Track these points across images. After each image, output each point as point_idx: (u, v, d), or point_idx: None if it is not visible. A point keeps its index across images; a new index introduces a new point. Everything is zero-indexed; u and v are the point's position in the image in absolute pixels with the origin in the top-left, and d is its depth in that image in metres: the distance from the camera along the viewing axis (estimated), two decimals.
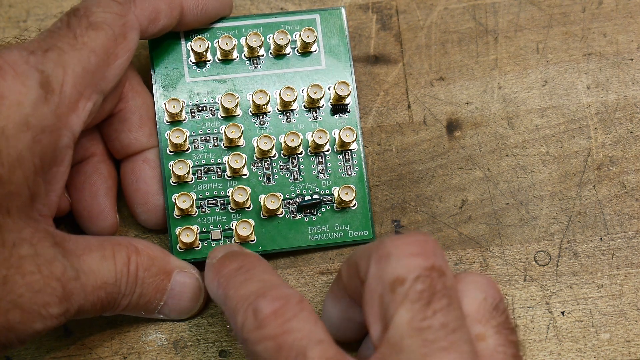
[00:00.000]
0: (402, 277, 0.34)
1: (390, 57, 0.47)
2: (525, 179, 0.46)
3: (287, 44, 0.44)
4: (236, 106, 0.43)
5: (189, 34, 0.45)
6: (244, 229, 0.42)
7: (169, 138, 0.43)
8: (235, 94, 0.43)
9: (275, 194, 0.43)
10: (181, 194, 0.43)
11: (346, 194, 0.43)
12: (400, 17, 0.48)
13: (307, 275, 0.44)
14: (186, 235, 0.43)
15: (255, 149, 0.43)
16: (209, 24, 0.45)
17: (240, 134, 0.43)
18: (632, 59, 0.47)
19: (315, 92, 0.44)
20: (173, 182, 0.43)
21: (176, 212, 0.43)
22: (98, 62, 0.39)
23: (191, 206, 0.43)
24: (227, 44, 0.44)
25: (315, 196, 0.44)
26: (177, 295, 0.42)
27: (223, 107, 0.43)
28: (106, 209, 0.43)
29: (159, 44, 0.44)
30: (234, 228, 0.43)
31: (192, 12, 0.43)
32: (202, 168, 0.44)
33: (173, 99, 0.43)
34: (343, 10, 0.45)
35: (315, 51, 0.45)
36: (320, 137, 0.43)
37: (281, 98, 0.43)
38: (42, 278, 0.36)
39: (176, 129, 0.43)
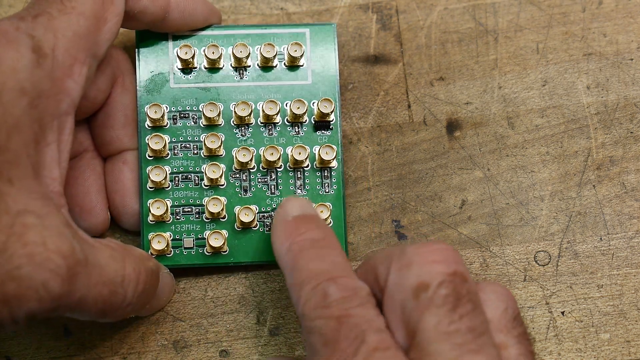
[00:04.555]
0: (425, 282, 0.34)
1: (390, 57, 0.47)
2: (525, 179, 0.46)
3: (274, 57, 0.44)
4: (218, 115, 0.43)
5: (177, 39, 0.44)
6: (216, 239, 0.43)
7: (148, 143, 0.43)
8: (218, 104, 0.43)
9: (250, 207, 0.43)
10: (156, 200, 0.43)
11: (321, 212, 0.43)
12: (400, 17, 0.48)
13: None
14: (157, 242, 0.43)
15: (234, 160, 0.43)
16: (196, 29, 0.44)
17: (220, 144, 0.43)
18: (632, 59, 0.47)
19: (298, 108, 0.43)
20: (150, 187, 0.43)
21: (150, 217, 0.43)
22: (88, 26, 0.39)
23: (165, 212, 0.43)
24: (213, 52, 0.43)
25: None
26: (158, 294, 0.42)
27: (205, 116, 0.43)
28: (98, 205, 0.43)
29: (146, 47, 0.44)
30: (206, 238, 0.43)
31: (179, 8, 0.43)
32: (180, 175, 0.43)
33: (155, 104, 0.43)
34: (334, 27, 0.45)
35: (302, 65, 0.44)
36: (299, 153, 0.43)
37: (263, 111, 0.43)
38: (45, 251, 0.34)
39: (156, 135, 0.43)
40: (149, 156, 0.43)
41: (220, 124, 0.44)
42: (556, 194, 0.45)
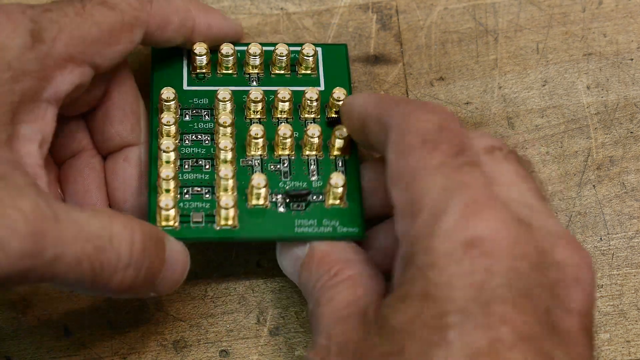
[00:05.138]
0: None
1: (390, 57, 0.47)
2: None
3: (287, 67, 0.44)
4: (231, 112, 0.43)
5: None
6: (226, 208, 0.40)
7: (160, 119, 0.42)
8: (228, 99, 0.43)
9: (260, 188, 0.41)
10: (162, 179, 0.41)
11: (335, 183, 0.41)
12: (400, 17, 0.48)
13: None
14: (165, 204, 0.40)
15: (247, 137, 0.42)
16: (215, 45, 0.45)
17: (230, 131, 0.42)
18: (632, 59, 0.47)
19: (311, 103, 0.43)
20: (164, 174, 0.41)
21: (160, 184, 0.41)
22: (99, 37, 0.39)
23: (172, 187, 0.41)
24: (227, 54, 0.44)
25: (305, 188, 0.42)
26: (171, 265, 0.39)
27: (219, 98, 0.43)
28: (98, 203, 0.43)
29: (161, 56, 0.45)
30: (217, 200, 0.41)
31: (202, 34, 0.44)
32: (190, 161, 0.43)
33: (168, 88, 0.43)
34: (345, 47, 0.45)
35: (314, 75, 0.44)
36: (312, 135, 0.42)
37: (276, 97, 0.43)
38: (1, 208, 0.33)
39: (166, 115, 0.42)
40: (166, 124, 0.42)
41: (233, 122, 0.43)
42: (556, 194, 0.45)
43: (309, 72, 0.44)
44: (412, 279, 0.33)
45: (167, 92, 0.43)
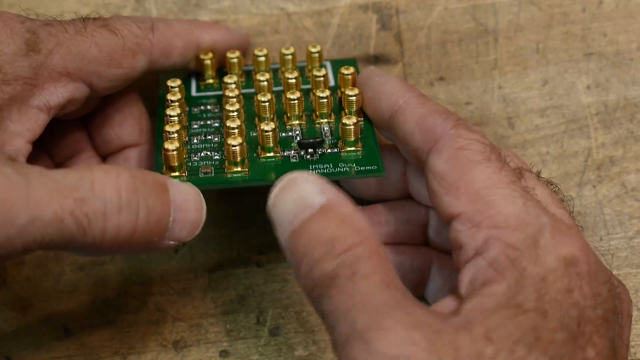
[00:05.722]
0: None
1: (390, 57, 0.47)
2: None
3: (297, 79, 0.43)
4: (236, 84, 0.43)
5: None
6: (234, 144, 0.39)
7: (167, 95, 0.42)
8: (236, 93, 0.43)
9: (268, 131, 0.39)
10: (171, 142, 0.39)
11: (347, 119, 0.40)
12: (400, 17, 0.48)
13: None
14: (170, 142, 0.39)
15: (256, 106, 0.41)
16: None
17: (239, 106, 0.41)
18: (632, 59, 0.47)
19: (322, 91, 0.41)
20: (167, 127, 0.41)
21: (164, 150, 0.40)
22: (98, 57, 0.39)
23: (179, 150, 0.39)
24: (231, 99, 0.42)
25: (318, 137, 0.41)
26: (181, 206, 0.36)
27: (225, 82, 0.43)
28: None
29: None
30: (226, 160, 0.40)
31: (208, 52, 0.44)
32: (199, 137, 0.42)
33: (174, 79, 0.43)
34: (355, 61, 0.45)
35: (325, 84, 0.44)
36: (323, 96, 0.41)
37: (284, 77, 0.42)
38: None
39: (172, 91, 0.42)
40: (172, 102, 0.42)
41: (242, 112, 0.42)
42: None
43: (321, 78, 0.43)
44: (522, 288, 0.32)
45: (174, 82, 0.43)
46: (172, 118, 0.41)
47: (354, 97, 0.41)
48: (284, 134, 0.41)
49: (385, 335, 0.31)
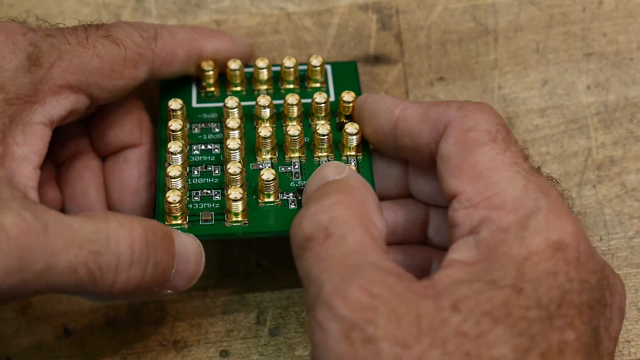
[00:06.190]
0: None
1: (390, 57, 0.47)
2: None
3: (296, 104, 0.43)
4: (237, 108, 0.43)
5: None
6: (235, 200, 0.40)
7: (169, 125, 0.42)
8: (236, 115, 0.43)
9: (270, 182, 0.40)
10: (172, 191, 0.40)
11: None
12: (400, 17, 0.48)
13: None
14: (172, 194, 0.40)
15: (257, 140, 0.42)
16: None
17: (239, 132, 0.42)
18: (632, 59, 0.47)
19: (320, 99, 0.42)
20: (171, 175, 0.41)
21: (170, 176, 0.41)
22: (99, 69, 0.39)
23: (181, 200, 0.40)
24: (235, 102, 0.43)
25: None
26: (183, 258, 0.38)
27: (227, 107, 0.43)
28: (97, 205, 0.43)
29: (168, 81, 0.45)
30: (226, 195, 0.40)
31: (209, 56, 0.44)
32: (200, 167, 0.43)
33: (175, 99, 0.43)
34: (355, 64, 0.45)
35: (323, 88, 0.44)
36: (323, 133, 0.42)
37: (285, 103, 0.42)
38: None
39: (175, 117, 0.43)
40: (173, 131, 0.42)
41: (242, 130, 0.43)
42: None
43: (318, 85, 0.44)
44: (503, 267, 0.33)
45: (175, 103, 0.43)
46: (175, 157, 0.41)
47: (354, 136, 0.42)
48: (282, 169, 0.42)
49: (346, 301, 0.32)
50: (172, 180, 0.40)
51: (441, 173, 0.37)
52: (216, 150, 0.43)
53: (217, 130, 0.44)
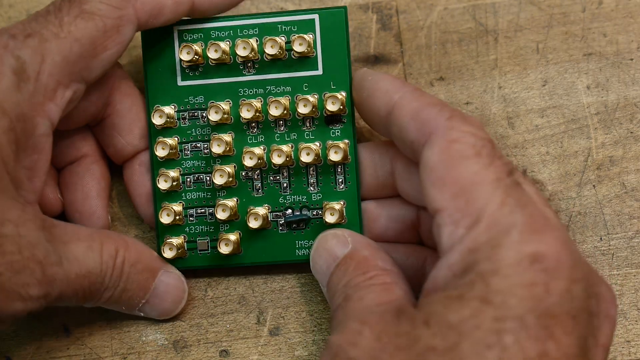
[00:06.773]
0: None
1: (390, 57, 0.47)
2: None
3: (280, 51, 0.42)
4: (226, 114, 0.43)
5: (183, 34, 0.43)
6: (227, 245, 0.42)
7: (155, 149, 0.43)
8: (222, 105, 0.42)
9: (258, 210, 0.42)
10: (164, 208, 0.43)
11: (331, 214, 0.42)
12: (400, 17, 0.48)
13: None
14: (169, 249, 0.43)
15: (242, 163, 0.42)
16: (223, 10, 0.43)
17: (226, 148, 0.42)
18: (632, 59, 0.47)
19: (305, 106, 0.42)
20: (162, 190, 0.43)
21: (164, 220, 0.43)
22: (81, 52, 0.38)
23: (176, 218, 0.43)
24: (216, 50, 0.42)
25: (305, 211, 0.43)
26: (160, 295, 0.42)
27: (210, 119, 0.43)
28: (98, 210, 0.43)
29: (152, 47, 0.43)
30: (217, 244, 0.43)
31: (204, 5, 0.42)
32: (192, 177, 0.43)
33: (158, 109, 0.43)
34: (345, 11, 0.43)
35: (312, 55, 0.43)
36: (307, 154, 0.42)
37: (269, 112, 0.42)
38: (22, 259, 0.36)
39: (161, 141, 0.43)
40: (160, 158, 0.43)
41: (230, 122, 0.43)
42: (556, 194, 0.45)
43: (305, 50, 0.43)
44: (471, 283, 0.34)
45: (158, 118, 0.43)
46: (171, 208, 0.43)
47: (341, 153, 0.42)
48: (271, 178, 0.43)
49: (342, 334, 0.35)
50: (169, 219, 0.43)
51: (424, 181, 0.37)
52: (206, 152, 0.43)
53: (203, 122, 0.43)
